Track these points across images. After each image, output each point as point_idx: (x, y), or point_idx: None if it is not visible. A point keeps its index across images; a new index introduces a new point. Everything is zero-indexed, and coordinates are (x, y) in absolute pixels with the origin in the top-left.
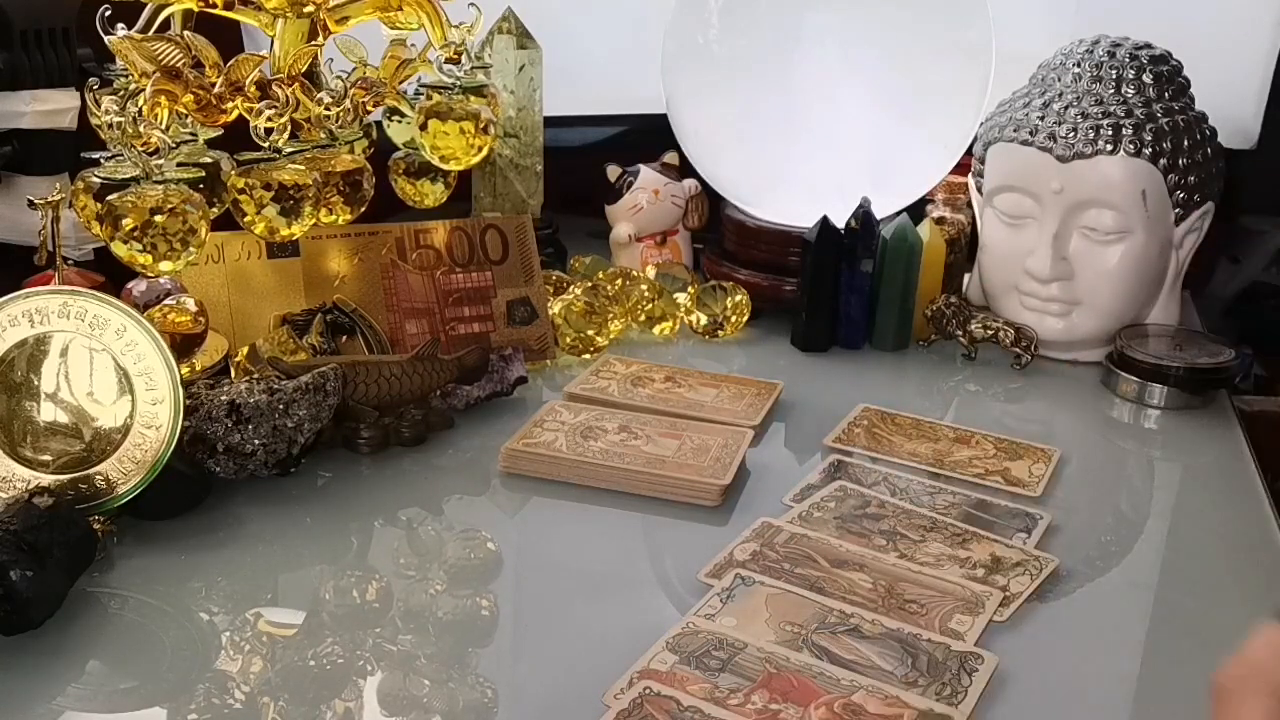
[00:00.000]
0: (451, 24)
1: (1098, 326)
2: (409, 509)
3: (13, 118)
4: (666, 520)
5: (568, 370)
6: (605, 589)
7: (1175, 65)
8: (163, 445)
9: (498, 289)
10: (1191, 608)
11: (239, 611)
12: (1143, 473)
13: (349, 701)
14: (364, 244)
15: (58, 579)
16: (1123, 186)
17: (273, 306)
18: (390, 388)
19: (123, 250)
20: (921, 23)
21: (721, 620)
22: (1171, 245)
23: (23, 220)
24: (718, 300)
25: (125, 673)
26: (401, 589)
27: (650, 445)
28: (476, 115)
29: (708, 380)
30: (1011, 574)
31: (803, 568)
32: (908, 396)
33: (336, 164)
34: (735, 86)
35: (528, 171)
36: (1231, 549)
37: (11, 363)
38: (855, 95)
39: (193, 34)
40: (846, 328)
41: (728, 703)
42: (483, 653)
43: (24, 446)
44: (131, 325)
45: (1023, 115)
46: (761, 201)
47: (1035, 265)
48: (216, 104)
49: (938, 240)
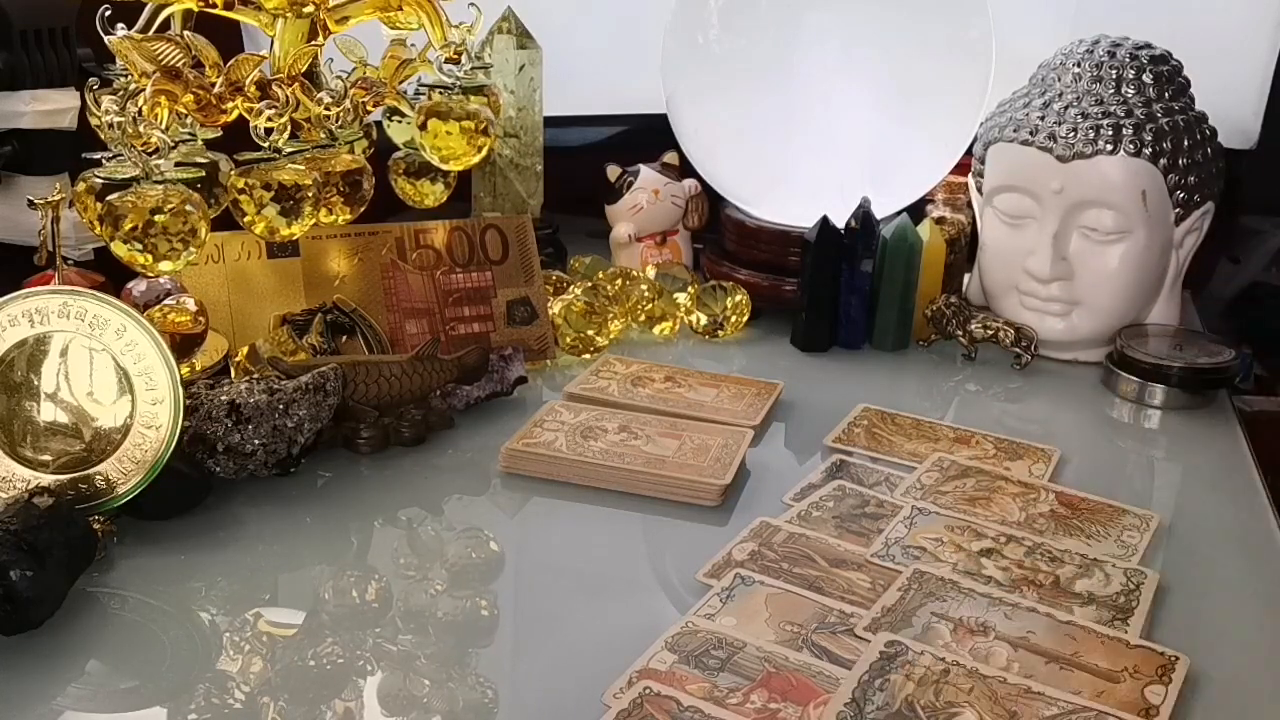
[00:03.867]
0: (451, 24)
1: (1098, 326)
2: (409, 509)
3: (13, 118)
4: (666, 520)
5: (568, 370)
6: (605, 589)
7: (1175, 65)
8: (163, 445)
9: (498, 289)
10: (1191, 608)
11: (239, 611)
12: (1143, 473)
13: (349, 701)
14: (364, 244)
15: (58, 579)
16: (1123, 186)
17: (273, 306)
18: (390, 388)
19: (123, 250)
20: (921, 23)
21: (721, 620)
22: (1171, 245)
23: (23, 220)
24: (718, 300)
25: (125, 673)
26: (401, 589)
27: (650, 445)
28: (476, 115)
29: (708, 380)
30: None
31: (801, 567)
32: (908, 396)
33: (336, 164)
34: (735, 86)
35: (528, 171)
36: (1231, 549)
37: (11, 363)
38: (855, 95)
39: (193, 34)
40: (846, 328)
41: (727, 702)
42: (483, 653)
43: (24, 446)
44: (131, 325)
45: (1023, 115)
46: (761, 201)
47: (1035, 265)
48: (216, 104)
49: (938, 240)
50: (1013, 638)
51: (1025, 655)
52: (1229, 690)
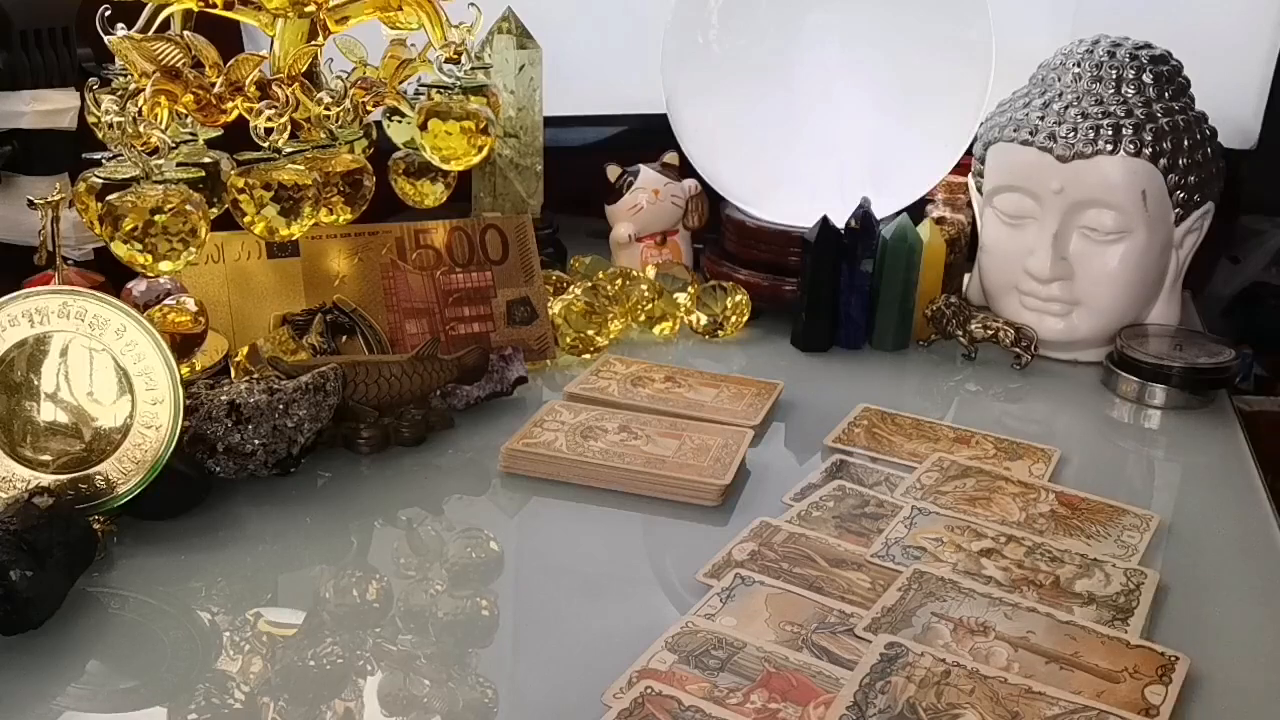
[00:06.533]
0: (451, 24)
1: (1098, 326)
2: (409, 509)
3: (13, 118)
4: (666, 520)
5: (568, 370)
6: (605, 589)
7: (1175, 65)
8: (163, 445)
9: (498, 289)
10: (1190, 608)
11: (239, 611)
12: (1143, 473)
13: (349, 701)
14: (364, 244)
15: (58, 579)
16: (1123, 186)
17: (273, 306)
18: (390, 388)
19: (123, 250)
20: (921, 23)
21: (721, 620)
22: (1171, 245)
23: (23, 220)
24: (718, 300)
25: (125, 673)
26: (401, 589)
27: (650, 445)
28: (477, 115)
29: (708, 380)
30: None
31: (801, 567)
32: (908, 396)
33: (336, 164)
34: (735, 86)
35: (528, 171)
36: (1231, 549)
37: (11, 363)
38: (855, 95)
39: (193, 34)
40: (846, 328)
41: (727, 702)
42: (483, 653)
43: (24, 446)
44: (131, 325)
45: (1023, 115)
46: (761, 201)
47: (1035, 265)
48: (216, 104)
49: (938, 240)
50: (1013, 638)
51: (1025, 655)
52: (1229, 690)
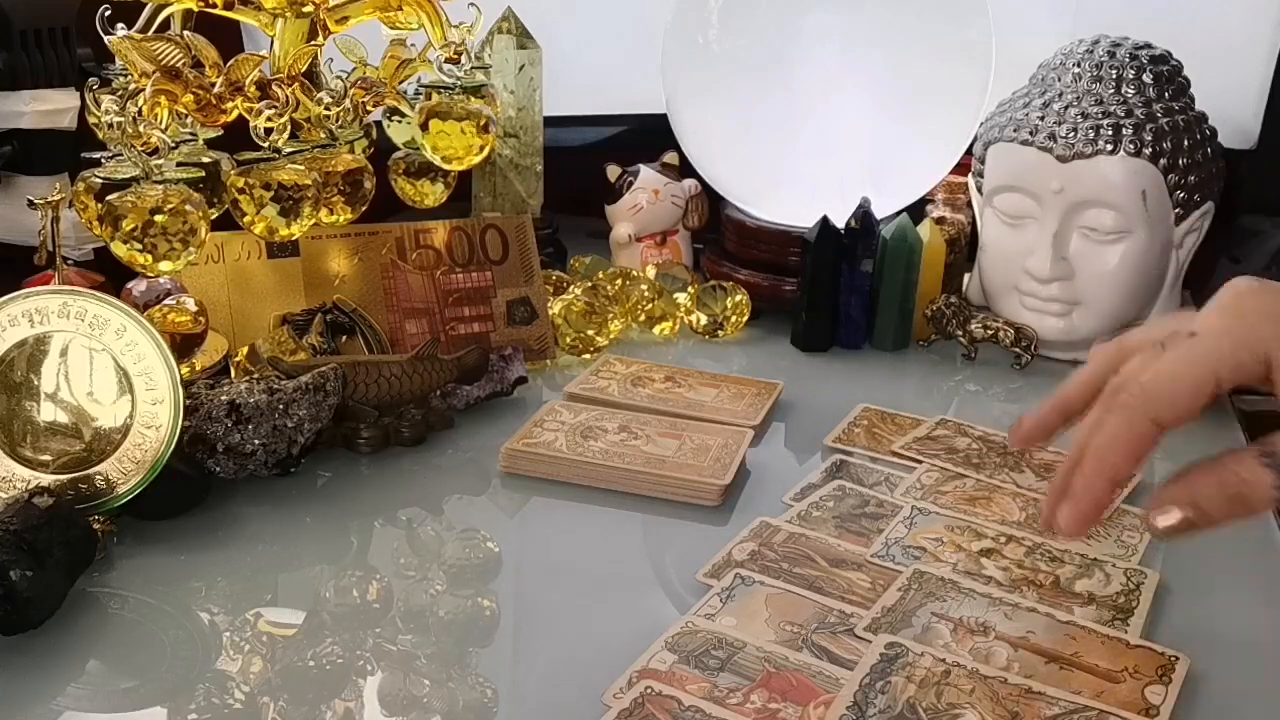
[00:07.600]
0: (451, 24)
1: (1098, 326)
2: (409, 509)
3: (13, 118)
4: (666, 520)
5: (568, 370)
6: (605, 589)
7: (1175, 65)
8: (163, 445)
9: (498, 289)
10: (1190, 608)
11: (239, 611)
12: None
13: (349, 701)
14: (364, 244)
15: (58, 579)
16: (1123, 186)
17: (273, 306)
18: (390, 388)
19: (123, 250)
20: (921, 23)
21: (721, 620)
22: (1171, 245)
23: (23, 220)
24: (718, 300)
25: (125, 673)
26: (401, 589)
27: (650, 445)
28: (477, 115)
29: (708, 380)
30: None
31: (801, 567)
32: (908, 396)
33: (336, 164)
34: (735, 86)
35: (528, 171)
36: (1231, 549)
37: (11, 363)
38: (855, 95)
39: (193, 34)
40: (846, 328)
41: (727, 702)
42: (483, 653)
43: (24, 446)
44: (131, 325)
45: (1023, 115)
46: (761, 201)
47: (1035, 265)
48: (216, 104)
49: (938, 240)
50: (1013, 638)
51: (1025, 655)
52: (1229, 690)
